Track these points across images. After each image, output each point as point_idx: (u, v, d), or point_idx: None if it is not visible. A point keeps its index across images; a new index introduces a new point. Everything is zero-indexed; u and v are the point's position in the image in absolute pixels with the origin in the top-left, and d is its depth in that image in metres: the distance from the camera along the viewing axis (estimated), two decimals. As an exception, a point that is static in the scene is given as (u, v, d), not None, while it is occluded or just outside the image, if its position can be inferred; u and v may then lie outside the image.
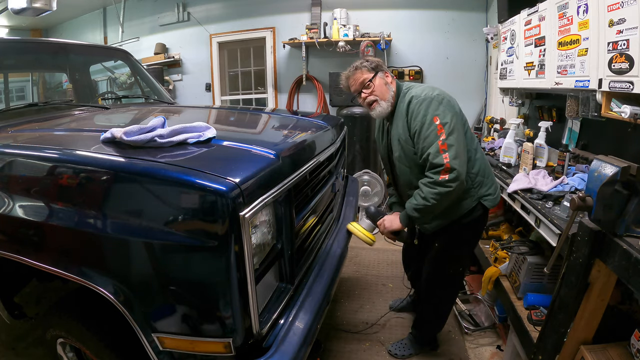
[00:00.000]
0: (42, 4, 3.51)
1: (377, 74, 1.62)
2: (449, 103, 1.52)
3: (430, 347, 2.02)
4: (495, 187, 1.66)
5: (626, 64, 1.36)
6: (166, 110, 2.15)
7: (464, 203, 1.58)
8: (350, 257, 3.04)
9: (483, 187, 1.61)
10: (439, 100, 1.50)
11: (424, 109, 1.49)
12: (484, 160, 1.65)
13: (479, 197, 1.60)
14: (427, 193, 1.47)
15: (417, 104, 1.51)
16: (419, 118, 1.50)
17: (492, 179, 1.67)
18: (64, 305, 1.27)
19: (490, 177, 1.66)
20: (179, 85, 5.13)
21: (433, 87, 1.60)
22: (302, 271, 1.33)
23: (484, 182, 1.62)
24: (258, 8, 4.52)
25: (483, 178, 1.61)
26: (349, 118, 3.76)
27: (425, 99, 1.51)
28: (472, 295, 2.36)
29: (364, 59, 1.67)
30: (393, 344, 2.03)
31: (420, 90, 1.57)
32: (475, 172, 1.59)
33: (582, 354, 1.24)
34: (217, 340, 0.97)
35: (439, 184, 1.44)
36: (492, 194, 1.63)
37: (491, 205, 1.63)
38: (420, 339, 1.98)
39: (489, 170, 1.68)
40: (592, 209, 1.06)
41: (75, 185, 1.04)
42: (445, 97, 1.53)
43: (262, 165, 1.06)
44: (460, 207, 1.58)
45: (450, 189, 1.43)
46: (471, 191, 1.58)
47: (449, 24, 4.08)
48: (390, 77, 1.65)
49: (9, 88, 2.36)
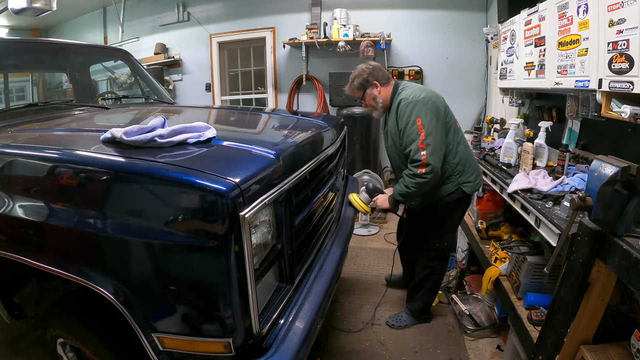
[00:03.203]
0: (42, 4, 3.51)
1: (366, 91, 1.93)
2: (433, 105, 1.77)
3: (424, 319, 2.23)
4: (476, 175, 1.93)
5: (626, 64, 1.36)
6: (166, 110, 2.15)
7: (445, 187, 1.89)
8: (350, 257, 3.04)
9: (463, 175, 1.89)
10: (424, 103, 1.75)
11: (410, 110, 1.76)
12: (466, 152, 1.92)
13: (458, 183, 1.89)
14: (408, 182, 1.79)
15: (405, 106, 1.78)
16: (404, 118, 1.78)
17: (473, 168, 1.93)
18: (64, 305, 1.27)
19: (471, 167, 1.92)
20: (179, 85, 5.14)
21: (423, 88, 1.85)
22: (302, 271, 1.33)
23: (465, 170, 1.89)
24: (258, 8, 4.52)
25: (463, 167, 1.89)
26: (349, 118, 3.76)
27: (412, 101, 1.77)
28: (472, 295, 2.36)
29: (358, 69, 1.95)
30: (391, 316, 2.25)
31: (410, 92, 1.81)
32: (456, 162, 1.87)
33: (582, 354, 1.23)
34: (217, 340, 0.97)
35: (417, 175, 1.75)
36: (472, 182, 1.91)
37: (470, 191, 1.91)
38: (414, 311, 2.20)
39: (471, 161, 1.94)
40: (592, 209, 1.06)
41: (75, 185, 1.04)
42: (430, 99, 1.77)
43: (262, 165, 1.06)
44: (441, 190, 1.90)
45: (426, 180, 1.75)
46: (452, 177, 1.88)
47: (449, 24, 4.08)
48: (379, 88, 1.91)
49: (9, 88, 2.36)
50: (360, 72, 1.92)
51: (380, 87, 1.91)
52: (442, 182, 1.86)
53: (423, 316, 2.23)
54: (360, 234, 3.60)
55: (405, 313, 2.24)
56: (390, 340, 2.10)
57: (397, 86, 1.91)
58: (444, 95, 1.95)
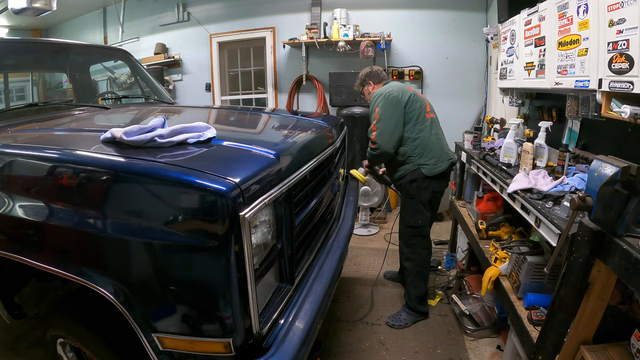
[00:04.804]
0: (42, 4, 3.51)
1: (364, 87, 2.48)
2: (394, 99, 2.17)
3: (423, 313, 2.32)
4: (435, 160, 2.20)
5: (626, 64, 1.36)
6: (166, 110, 2.15)
7: (406, 166, 2.23)
8: (350, 257, 3.04)
9: (422, 157, 2.20)
10: (385, 96, 2.18)
11: (374, 101, 2.23)
12: (428, 140, 2.22)
13: (417, 164, 2.20)
14: (368, 151, 2.28)
15: (374, 97, 2.25)
16: (371, 107, 2.26)
17: (434, 153, 2.20)
18: (64, 305, 1.27)
19: (432, 152, 2.20)
20: (179, 85, 5.13)
21: (396, 85, 2.28)
22: (302, 271, 1.33)
23: (424, 154, 2.19)
24: (258, 8, 4.52)
25: (422, 151, 2.20)
26: (349, 118, 3.76)
27: (378, 94, 2.22)
28: (472, 295, 2.36)
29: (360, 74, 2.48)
30: (390, 316, 2.31)
31: (383, 89, 2.25)
32: (415, 146, 2.20)
33: (582, 354, 1.23)
34: (217, 340, 0.97)
35: (370, 148, 2.24)
36: (430, 165, 2.19)
37: (428, 173, 2.19)
38: (411, 303, 2.30)
39: (432, 146, 2.22)
40: (592, 209, 1.06)
41: (75, 185, 1.04)
42: (392, 94, 2.18)
43: (262, 165, 1.06)
44: (402, 168, 2.25)
45: (375, 153, 2.21)
46: (411, 158, 2.21)
47: (449, 24, 4.08)
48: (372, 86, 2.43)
49: (9, 88, 2.36)
50: (362, 74, 2.49)
51: (374, 85, 2.42)
52: (403, 162, 2.23)
53: (421, 308, 2.30)
54: (360, 234, 3.60)
55: (404, 311, 2.30)
56: (390, 340, 2.10)
57: (386, 84, 2.36)
58: (444, 95, 1.97)
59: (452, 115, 3.77)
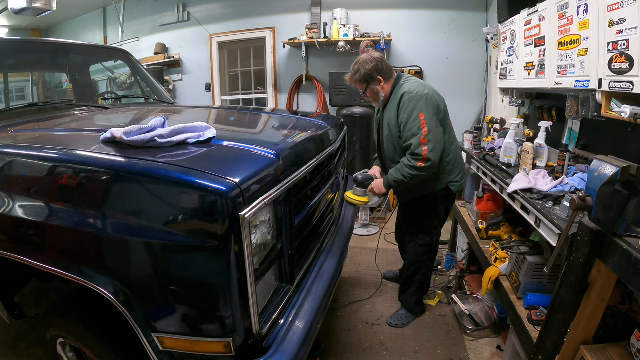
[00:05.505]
0: (42, 4, 3.51)
1: (369, 85, 1.92)
2: (435, 103, 1.83)
3: (421, 311, 2.30)
4: (462, 176, 2.02)
5: (626, 64, 1.36)
6: (166, 110, 2.15)
7: (435, 184, 1.95)
8: (350, 257, 3.04)
9: (452, 174, 1.97)
10: (427, 99, 1.79)
11: (413, 104, 1.79)
12: (457, 151, 2.01)
13: (447, 182, 1.96)
14: (405, 172, 1.83)
15: (408, 99, 1.80)
16: (407, 111, 1.80)
17: (461, 167, 2.01)
18: (64, 305, 1.27)
19: (459, 166, 2.01)
20: (179, 85, 5.13)
21: (425, 84, 1.89)
22: (302, 271, 1.33)
23: (453, 170, 1.97)
24: (258, 8, 4.52)
25: (453, 167, 1.96)
26: (349, 118, 3.75)
27: (416, 96, 1.79)
28: (472, 295, 2.36)
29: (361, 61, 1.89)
30: (391, 316, 2.27)
31: (413, 86, 1.84)
32: (448, 161, 1.94)
33: (582, 354, 1.23)
34: (217, 340, 0.97)
35: (416, 168, 1.80)
36: (459, 182, 2.00)
37: (456, 190, 2.00)
38: (407, 304, 2.26)
39: (460, 159, 2.02)
40: (592, 209, 1.06)
41: (75, 185, 1.04)
42: (433, 96, 1.83)
43: (262, 166, 1.06)
44: (431, 187, 1.96)
45: (423, 174, 1.81)
46: (442, 176, 1.94)
47: (449, 24, 4.08)
48: (382, 84, 1.91)
49: (9, 88, 2.36)
50: (363, 64, 1.87)
51: (384, 82, 1.91)
52: (432, 179, 1.93)
53: (419, 308, 2.31)
54: (360, 234, 3.59)
55: (404, 310, 2.29)
56: (390, 340, 2.10)
57: (399, 78, 1.95)
58: (444, 95, 1.98)
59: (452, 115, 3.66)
